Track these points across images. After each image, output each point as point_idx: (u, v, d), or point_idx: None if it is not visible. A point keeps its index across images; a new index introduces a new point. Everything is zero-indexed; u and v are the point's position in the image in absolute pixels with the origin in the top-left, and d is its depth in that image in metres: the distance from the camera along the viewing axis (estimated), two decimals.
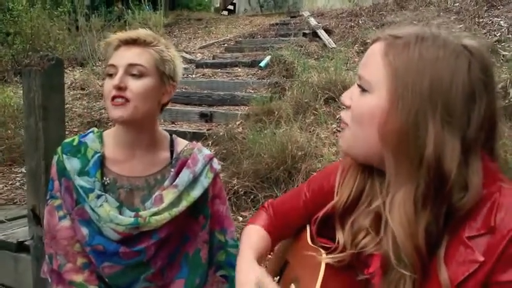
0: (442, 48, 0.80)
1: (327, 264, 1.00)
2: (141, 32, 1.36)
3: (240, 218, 3.39)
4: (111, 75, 1.31)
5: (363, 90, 0.87)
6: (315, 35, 7.35)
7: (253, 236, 1.17)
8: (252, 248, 1.12)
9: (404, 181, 0.81)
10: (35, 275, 2.24)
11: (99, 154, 1.37)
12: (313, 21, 7.97)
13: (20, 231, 2.99)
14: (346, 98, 0.92)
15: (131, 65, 1.30)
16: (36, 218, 2.13)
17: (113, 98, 1.28)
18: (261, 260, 1.12)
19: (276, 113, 4.54)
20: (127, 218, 1.31)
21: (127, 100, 1.28)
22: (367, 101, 0.86)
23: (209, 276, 1.49)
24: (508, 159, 3.06)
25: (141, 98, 1.30)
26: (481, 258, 0.76)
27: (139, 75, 1.30)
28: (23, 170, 4.60)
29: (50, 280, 1.41)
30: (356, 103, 0.88)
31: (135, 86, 1.29)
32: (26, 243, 2.75)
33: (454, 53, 0.79)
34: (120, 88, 1.28)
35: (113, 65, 1.31)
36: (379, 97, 0.83)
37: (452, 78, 0.78)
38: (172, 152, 1.44)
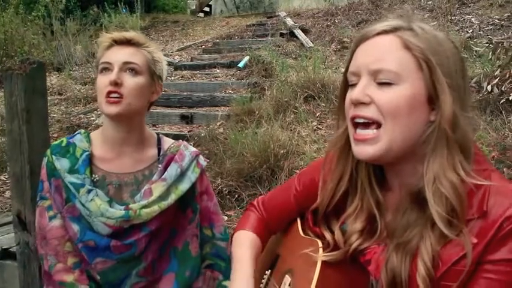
0: (437, 33, 0.91)
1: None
2: (134, 33, 1.42)
3: (225, 218, 3.41)
4: (104, 72, 1.36)
5: (385, 84, 0.87)
6: (292, 34, 7.42)
7: (244, 244, 1.18)
8: (247, 259, 1.13)
9: (440, 151, 0.87)
10: (22, 281, 2.22)
11: (87, 152, 1.41)
12: (289, 21, 8.04)
13: (4, 239, 2.95)
14: (362, 95, 0.88)
15: (126, 63, 1.36)
16: (22, 224, 2.11)
17: (109, 93, 1.33)
18: (254, 262, 1.15)
19: (257, 112, 4.58)
20: (118, 211, 1.34)
21: (121, 96, 1.34)
22: (400, 92, 0.87)
23: (201, 272, 1.51)
24: (485, 150, 3.15)
25: (134, 94, 1.36)
26: (474, 240, 0.83)
27: (134, 73, 1.37)
28: (2, 177, 4.53)
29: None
30: (386, 98, 0.87)
31: (130, 82, 1.36)
32: (11, 250, 2.71)
33: (446, 37, 0.92)
34: (116, 84, 1.33)
35: (107, 62, 1.36)
36: (413, 84, 0.87)
37: (455, 57, 0.90)
38: (159, 150, 1.49)
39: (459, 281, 0.83)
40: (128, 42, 1.39)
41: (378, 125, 0.88)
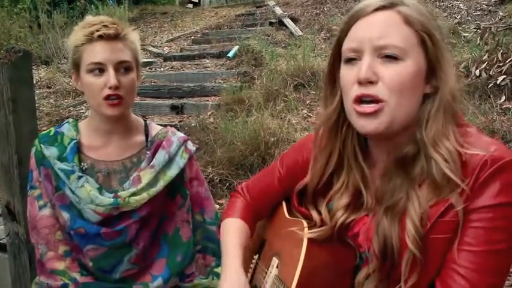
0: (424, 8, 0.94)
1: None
2: (117, 25, 1.35)
3: (217, 206, 3.41)
4: (96, 73, 1.32)
5: (391, 58, 0.87)
6: (281, 23, 7.41)
7: (232, 234, 1.18)
8: (236, 248, 1.13)
9: (439, 117, 0.90)
10: (13, 272, 2.21)
11: (75, 141, 1.41)
12: (278, 10, 8.02)
13: None
14: (371, 74, 0.88)
15: (120, 63, 1.33)
16: (11, 214, 2.09)
17: (108, 96, 1.31)
18: (244, 251, 1.15)
19: (247, 101, 4.58)
20: (107, 198, 1.34)
21: (120, 97, 1.33)
22: (405, 68, 0.87)
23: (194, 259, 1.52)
24: None
25: (131, 92, 1.37)
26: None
27: (128, 71, 1.35)
28: None
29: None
30: (392, 74, 0.87)
31: (126, 82, 1.34)
32: (1, 242, 2.70)
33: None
34: (116, 87, 1.31)
35: (100, 63, 1.31)
36: (416, 59, 0.88)
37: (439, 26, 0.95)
38: (147, 136, 1.48)
39: (448, 233, 0.85)
40: (115, 37, 1.33)
41: (382, 102, 0.88)
